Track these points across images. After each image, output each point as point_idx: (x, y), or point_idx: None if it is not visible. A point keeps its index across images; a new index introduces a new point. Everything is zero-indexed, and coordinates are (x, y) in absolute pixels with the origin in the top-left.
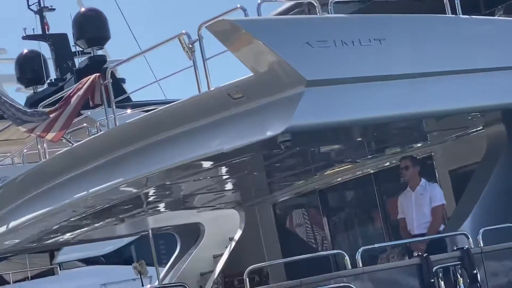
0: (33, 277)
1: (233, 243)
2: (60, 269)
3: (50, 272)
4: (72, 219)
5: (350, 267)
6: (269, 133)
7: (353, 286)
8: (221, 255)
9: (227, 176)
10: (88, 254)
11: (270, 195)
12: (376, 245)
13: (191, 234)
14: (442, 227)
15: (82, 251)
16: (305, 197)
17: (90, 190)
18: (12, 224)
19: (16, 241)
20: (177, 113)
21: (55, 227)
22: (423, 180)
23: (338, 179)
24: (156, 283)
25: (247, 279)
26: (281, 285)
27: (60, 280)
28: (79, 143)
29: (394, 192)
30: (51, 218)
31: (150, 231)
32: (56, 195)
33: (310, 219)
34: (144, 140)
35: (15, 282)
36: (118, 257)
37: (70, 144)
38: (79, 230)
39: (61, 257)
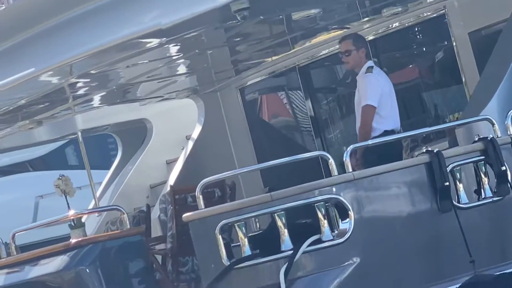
0: None
1: (191, 143)
2: None
3: None
4: None
5: (336, 172)
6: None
7: (342, 198)
8: (176, 159)
9: (176, 57)
10: (13, 160)
11: (235, 77)
12: (370, 142)
13: (136, 135)
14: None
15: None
16: (283, 77)
17: None
18: None
19: None
20: None
21: None
22: (364, 67)
23: (323, 52)
24: (92, 203)
25: (201, 196)
26: (244, 202)
27: None
28: None
29: (397, 62)
30: None
31: (79, 134)
32: None
33: (290, 107)
34: (58, 16)
35: None
36: (51, 162)
37: None
38: None
39: None
